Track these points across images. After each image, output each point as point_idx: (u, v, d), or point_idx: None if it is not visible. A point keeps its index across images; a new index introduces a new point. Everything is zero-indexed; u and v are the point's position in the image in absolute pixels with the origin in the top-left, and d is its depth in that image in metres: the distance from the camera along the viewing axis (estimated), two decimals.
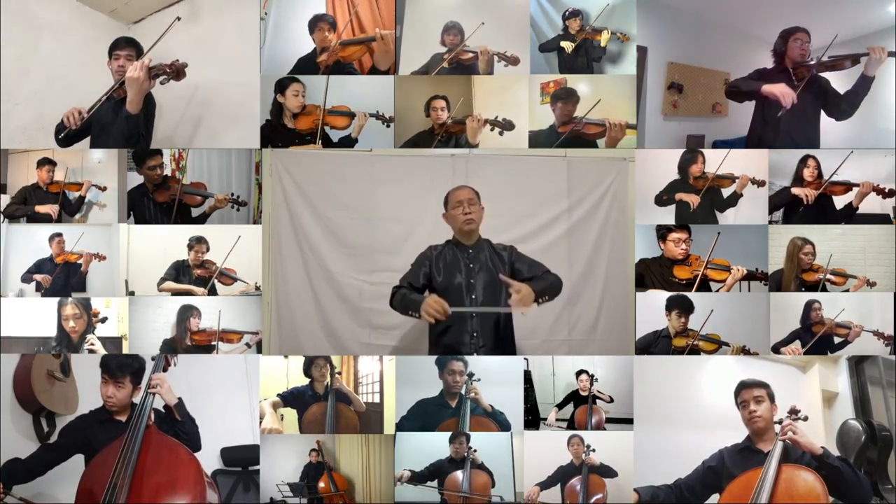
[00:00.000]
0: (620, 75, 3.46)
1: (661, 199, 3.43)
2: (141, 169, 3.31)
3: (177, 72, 3.02)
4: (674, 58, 3.80)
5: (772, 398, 2.71)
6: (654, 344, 3.29)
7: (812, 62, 3.21)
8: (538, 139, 3.43)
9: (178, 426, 2.74)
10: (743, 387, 2.74)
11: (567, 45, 3.46)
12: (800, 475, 2.48)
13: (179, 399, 2.76)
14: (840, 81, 3.26)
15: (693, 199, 3.39)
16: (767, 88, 3.15)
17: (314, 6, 3.46)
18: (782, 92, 3.12)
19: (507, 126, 3.38)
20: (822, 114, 3.28)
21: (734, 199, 3.40)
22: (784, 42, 3.26)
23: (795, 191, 3.34)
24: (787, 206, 3.39)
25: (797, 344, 3.28)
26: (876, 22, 3.43)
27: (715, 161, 3.40)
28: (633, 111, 3.42)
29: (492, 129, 3.38)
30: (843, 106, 3.22)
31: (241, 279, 3.41)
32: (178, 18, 3.21)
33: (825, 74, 3.22)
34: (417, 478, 3.12)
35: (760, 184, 3.34)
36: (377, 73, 3.38)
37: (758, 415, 2.67)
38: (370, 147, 3.46)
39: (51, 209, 3.36)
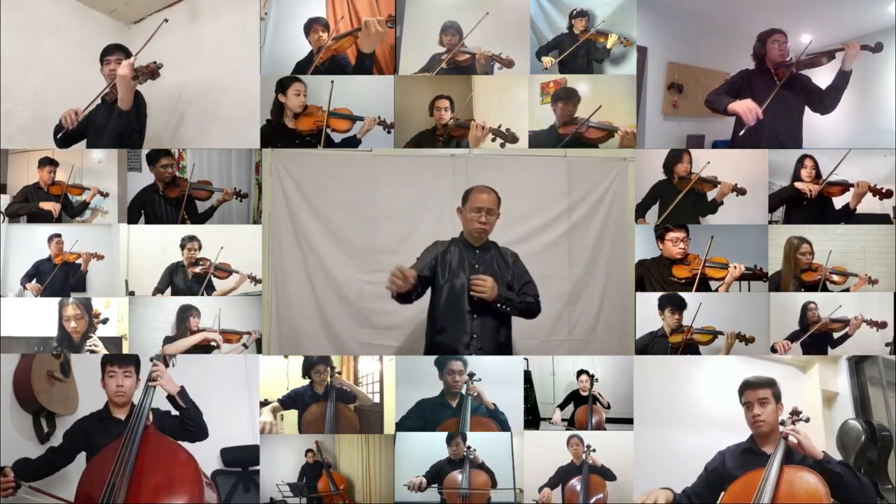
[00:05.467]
0: (620, 75, 3.46)
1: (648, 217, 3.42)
2: (154, 167, 3.40)
3: (151, 72, 3.14)
4: (674, 58, 3.80)
5: (777, 397, 2.65)
6: (651, 344, 3.28)
7: (791, 61, 3.27)
8: (538, 139, 3.43)
9: (183, 414, 2.77)
10: (747, 387, 2.68)
11: (546, 61, 3.44)
12: (802, 476, 2.46)
13: (182, 387, 2.79)
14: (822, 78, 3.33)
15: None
16: (732, 107, 3.23)
17: (314, 6, 3.46)
18: (747, 108, 3.19)
19: (510, 138, 3.36)
20: (807, 112, 3.33)
21: (714, 207, 3.39)
22: (763, 45, 3.31)
23: (799, 185, 3.33)
24: (788, 203, 3.38)
25: (787, 341, 3.26)
26: (876, 22, 3.43)
27: (703, 161, 3.38)
28: (633, 111, 3.42)
29: (493, 140, 3.37)
30: (826, 101, 3.29)
31: (235, 270, 3.41)
32: (166, 20, 3.29)
33: (805, 72, 3.29)
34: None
35: (741, 192, 3.33)
36: (364, 58, 3.34)
37: (762, 419, 2.62)
38: (370, 147, 3.46)
39: (52, 206, 3.41)
